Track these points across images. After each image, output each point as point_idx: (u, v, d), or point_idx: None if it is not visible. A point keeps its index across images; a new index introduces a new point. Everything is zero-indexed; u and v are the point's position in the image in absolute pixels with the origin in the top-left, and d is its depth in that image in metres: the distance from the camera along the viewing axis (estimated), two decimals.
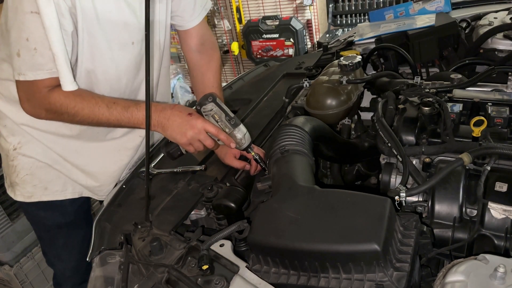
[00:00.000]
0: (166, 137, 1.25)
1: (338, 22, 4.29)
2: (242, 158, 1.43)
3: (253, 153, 1.30)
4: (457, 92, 1.33)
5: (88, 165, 1.50)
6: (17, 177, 1.44)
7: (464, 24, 2.04)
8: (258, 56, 4.50)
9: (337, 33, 4.01)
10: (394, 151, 1.16)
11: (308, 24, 4.43)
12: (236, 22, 4.62)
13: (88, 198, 1.62)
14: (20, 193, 1.47)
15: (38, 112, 1.23)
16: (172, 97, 4.76)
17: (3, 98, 1.40)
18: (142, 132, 1.54)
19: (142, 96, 1.46)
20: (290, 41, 4.28)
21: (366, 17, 4.00)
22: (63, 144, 1.44)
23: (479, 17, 2.04)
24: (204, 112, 1.23)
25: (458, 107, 1.23)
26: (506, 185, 1.00)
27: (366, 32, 2.13)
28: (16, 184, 1.46)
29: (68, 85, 1.16)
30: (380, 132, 1.23)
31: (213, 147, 1.27)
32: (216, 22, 4.78)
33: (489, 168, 1.04)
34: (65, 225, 1.57)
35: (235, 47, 4.66)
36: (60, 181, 1.48)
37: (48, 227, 1.57)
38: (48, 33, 1.09)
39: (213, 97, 1.22)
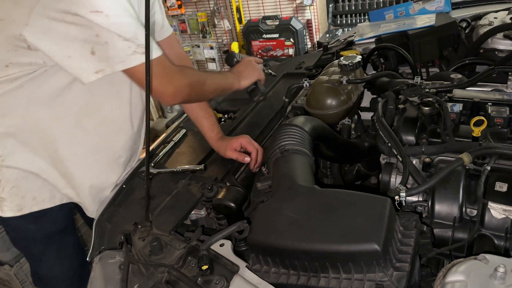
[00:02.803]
0: (248, 83, 1.54)
1: (338, 22, 4.30)
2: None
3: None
4: (457, 92, 1.33)
5: (74, 176, 1.43)
6: (3, 192, 1.36)
7: (464, 24, 2.04)
8: (258, 56, 4.50)
9: (337, 33, 4.02)
10: (394, 151, 1.16)
11: (308, 24, 4.43)
12: (236, 22, 4.62)
13: (76, 204, 1.55)
14: (9, 208, 1.38)
15: (183, 90, 1.27)
16: None
17: None
18: (133, 145, 1.53)
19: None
20: (290, 41, 4.28)
21: (366, 17, 4.01)
22: (53, 149, 1.37)
23: (479, 17, 2.04)
24: None
25: (458, 107, 1.23)
26: (506, 185, 1.00)
27: (366, 32, 2.13)
28: (3, 200, 1.37)
29: (157, 51, 1.20)
30: (380, 132, 1.23)
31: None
32: (216, 22, 4.79)
33: (489, 168, 1.04)
34: (57, 233, 1.50)
35: (235, 47, 4.67)
36: (47, 188, 1.42)
37: (38, 240, 1.49)
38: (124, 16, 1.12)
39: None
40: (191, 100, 1.40)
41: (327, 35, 4.08)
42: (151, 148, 1.59)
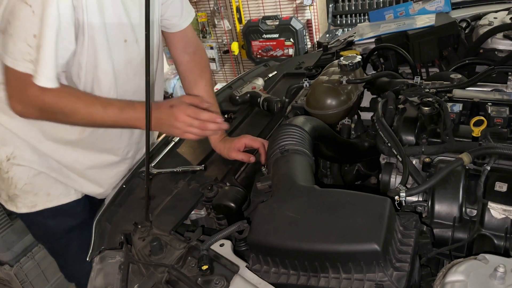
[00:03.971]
0: (166, 134, 1.33)
1: (338, 22, 4.29)
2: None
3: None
4: (457, 92, 1.33)
5: (89, 173, 1.47)
6: (15, 189, 1.38)
7: (464, 24, 2.04)
8: (258, 56, 4.50)
9: (337, 33, 4.02)
10: (394, 151, 1.16)
11: (308, 24, 4.43)
12: (236, 22, 4.62)
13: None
14: (23, 204, 1.40)
15: (29, 111, 1.19)
16: (172, 97, 4.77)
17: None
18: (141, 138, 1.55)
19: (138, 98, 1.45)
20: (290, 41, 4.28)
21: (366, 17, 4.01)
22: (62, 152, 1.40)
23: (479, 17, 2.04)
24: None
25: (458, 107, 1.23)
26: (506, 185, 1.00)
27: (366, 32, 2.13)
28: (17, 196, 1.39)
29: (45, 80, 1.12)
30: (380, 132, 1.23)
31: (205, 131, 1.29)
32: (216, 22, 4.78)
33: (489, 168, 1.04)
34: (77, 227, 1.51)
35: (235, 47, 4.66)
36: (60, 185, 1.44)
37: (59, 235, 1.50)
38: (43, 22, 1.07)
39: None
40: (51, 120, 1.25)
41: (327, 35, 4.08)
42: (151, 148, 1.59)
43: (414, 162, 1.16)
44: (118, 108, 1.22)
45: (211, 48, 4.98)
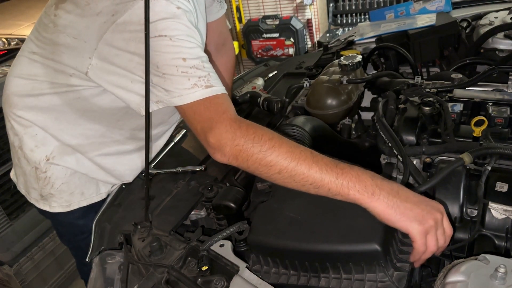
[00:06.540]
0: (391, 221, 0.85)
1: (339, 21, 4.30)
2: None
3: None
4: (458, 92, 1.32)
5: (123, 174, 1.47)
6: (52, 188, 1.38)
7: (464, 24, 2.04)
8: (258, 55, 4.50)
9: (337, 32, 4.02)
10: (394, 151, 1.16)
11: (308, 24, 4.43)
12: (236, 21, 4.62)
13: None
14: (58, 204, 1.40)
15: (223, 157, 1.01)
16: None
17: (37, 107, 1.30)
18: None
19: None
20: (290, 40, 4.28)
21: (367, 16, 4.02)
22: (100, 158, 1.39)
23: (479, 16, 2.04)
24: None
25: (458, 107, 1.23)
26: (507, 185, 1.00)
27: (366, 31, 2.12)
28: (52, 196, 1.39)
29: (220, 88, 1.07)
30: (381, 132, 1.22)
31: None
32: None
33: (489, 168, 1.03)
34: None
35: (235, 46, 4.65)
36: (93, 183, 1.44)
37: (86, 234, 1.47)
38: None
39: None
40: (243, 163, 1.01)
41: (328, 35, 4.08)
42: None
43: (414, 162, 1.16)
44: (329, 159, 0.92)
45: None
